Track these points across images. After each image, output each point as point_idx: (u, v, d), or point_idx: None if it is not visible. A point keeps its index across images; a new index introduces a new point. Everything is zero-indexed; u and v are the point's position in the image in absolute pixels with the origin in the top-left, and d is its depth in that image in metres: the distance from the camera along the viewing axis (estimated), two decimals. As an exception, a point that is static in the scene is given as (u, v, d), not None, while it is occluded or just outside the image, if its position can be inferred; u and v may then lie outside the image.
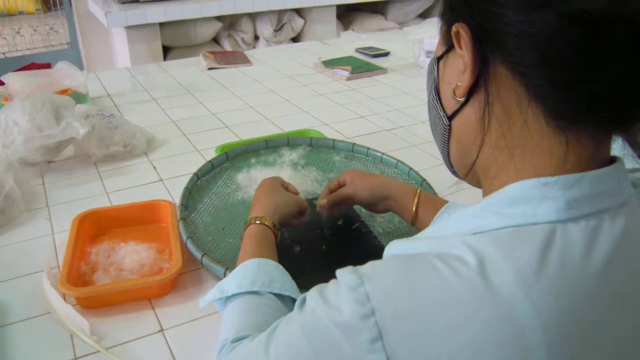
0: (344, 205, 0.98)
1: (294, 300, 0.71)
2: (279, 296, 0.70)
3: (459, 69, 0.51)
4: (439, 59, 0.56)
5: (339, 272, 0.49)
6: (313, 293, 0.50)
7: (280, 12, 3.42)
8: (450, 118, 0.55)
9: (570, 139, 0.46)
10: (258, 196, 0.91)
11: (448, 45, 0.53)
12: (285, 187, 0.95)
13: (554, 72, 0.44)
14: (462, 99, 0.51)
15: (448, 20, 0.52)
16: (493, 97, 0.48)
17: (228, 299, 0.70)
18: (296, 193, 0.97)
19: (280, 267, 0.75)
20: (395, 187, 0.92)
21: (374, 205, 0.94)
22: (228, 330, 0.65)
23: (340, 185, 0.97)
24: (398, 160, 1.17)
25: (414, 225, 0.91)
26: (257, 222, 0.82)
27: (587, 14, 0.41)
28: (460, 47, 0.50)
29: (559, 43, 0.42)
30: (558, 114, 0.46)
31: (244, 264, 0.73)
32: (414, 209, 0.89)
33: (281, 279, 0.72)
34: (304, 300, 0.52)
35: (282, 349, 0.51)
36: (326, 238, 0.96)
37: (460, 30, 0.49)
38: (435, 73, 0.56)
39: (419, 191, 0.90)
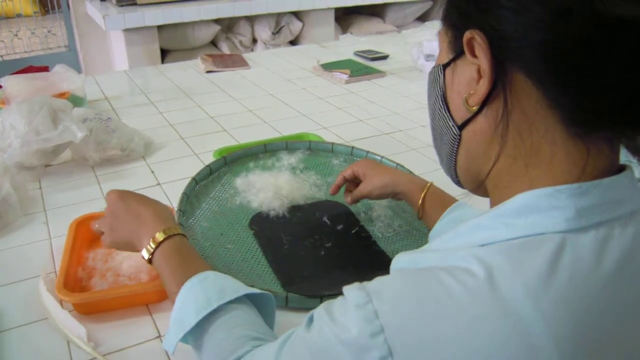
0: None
1: (249, 295, 0.68)
2: (235, 301, 0.66)
3: (471, 76, 0.49)
4: (445, 66, 0.54)
5: (346, 289, 0.48)
6: (320, 311, 0.49)
7: (279, 15, 3.42)
8: (461, 127, 0.53)
9: (590, 147, 0.45)
10: (134, 213, 0.77)
11: (456, 52, 0.51)
12: None
13: (574, 79, 0.43)
14: (476, 108, 0.50)
15: (457, 27, 0.50)
16: (512, 105, 0.47)
17: (192, 331, 0.64)
18: None
19: (217, 273, 0.69)
20: (403, 184, 0.93)
21: (384, 202, 0.99)
22: None
23: (354, 175, 1.00)
24: (397, 164, 1.16)
25: (421, 219, 0.92)
26: (166, 236, 0.73)
27: (618, 21, 0.40)
28: (473, 55, 0.48)
29: (582, 50, 0.41)
30: (579, 121, 0.45)
31: (186, 289, 0.66)
32: (419, 203, 0.90)
33: (227, 284, 0.67)
34: (311, 319, 0.51)
35: None
36: (325, 243, 0.95)
37: (476, 37, 0.47)
38: (442, 81, 0.54)
39: (428, 185, 0.91)
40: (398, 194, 0.94)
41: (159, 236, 0.73)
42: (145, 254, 0.73)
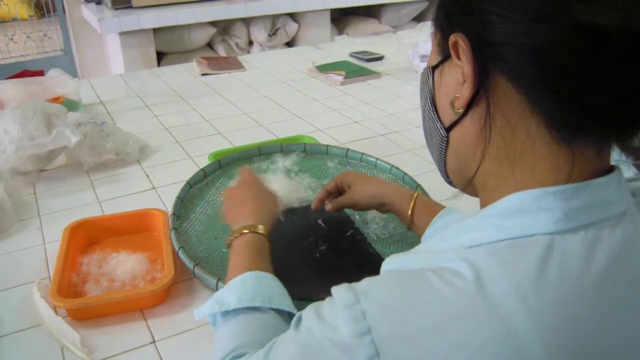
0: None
1: (291, 315, 0.70)
2: (277, 311, 0.69)
3: (457, 79, 0.49)
4: (434, 68, 0.54)
5: (335, 290, 0.48)
6: (309, 312, 0.50)
7: (274, 17, 3.42)
8: (448, 129, 0.53)
9: (575, 151, 0.45)
10: (244, 199, 0.87)
11: (444, 54, 0.51)
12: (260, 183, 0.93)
13: (557, 84, 0.43)
14: (461, 111, 0.50)
15: (444, 30, 0.51)
16: (494, 109, 0.47)
17: (226, 313, 0.68)
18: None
19: (277, 280, 0.73)
20: (391, 194, 0.91)
21: (374, 210, 0.95)
22: (225, 347, 0.63)
23: (338, 188, 0.97)
24: (392, 166, 1.16)
25: (410, 230, 0.91)
26: (250, 231, 0.79)
27: (598, 29, 0.40)
28: (459, 58, 0.48)
29: (562, 55, 0.41)
30: (561, 125, 0.45)
31: (243, 277, 0.70)
32: (409, 213, 0.88)
33: (279, 294, 0.71)
34: (299, 319, 0.51)
35: None
36: (320, 246, 0.95)
37: (459, 40, 0.47)
38: (431, 83, 0.55)
39: (415, 195, 0.90)
40: (386, 204, 0.91)
41: (241, 229, 0.79)
42: (227, 240, 0.81)
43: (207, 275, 0.83)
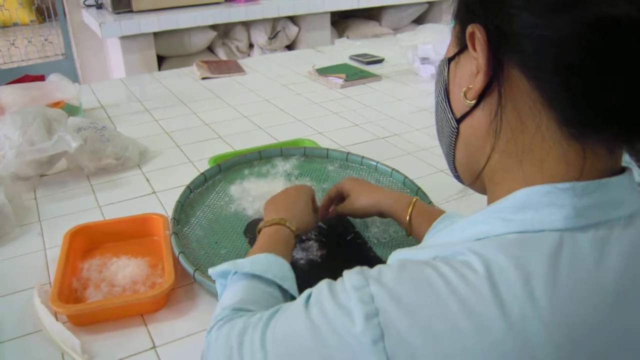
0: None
1: None
2: (286, 293, 0.70)
3: (471, 71, 0.50)
4: (450, 59, 0.54)
5: (346, 273, 0.49)
6: (318, 290, 0.50)
7: (275, 20, 3.42)
8: (459, 121, 0.53)
9: (586, 148, 0.45)
10: (289, 196, 0.91)
11: (461, 46, 0.52)
12: (312, 199, 0.96)
13: (572, 79, 0.42)
14: (473, 102, 0.50)
15: (462, 21, 0.51)
16: (506, 102, 0.47)
17: (238, 275, 0.69)
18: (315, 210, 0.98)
19: (292, 270, 0.74)
20: (389, 202, 0.91)
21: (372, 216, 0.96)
22: (231, 299, 0.64)
23: (338, 194, 0.98)
24: (393, 169, 1.16)
25: (410, 235, 0.91)
26: (280, 223, 0.83)
27: (614, 21, 0.39)
28: (475, 49, 0.48)
29: (579, 49, 0.41)
30: (573, 121, 0.44)
31: (261, 255, 0.72)
32: (407, 218, 0.88)
33: (291, 277, 0.72)
34: (309, 296, 0.51)
35: (280, 338, 0.51)
36: (320, 250, 0.95)
37: (476, 31, 0.47)
38: (446, 74, 0.55)
39: (413, 201, 0.90)
40: (384, 212, 0.92)
41: (273, 220, 0.84)
42: (259, 227, 0.85)
43: (208, 280, 0.83)
